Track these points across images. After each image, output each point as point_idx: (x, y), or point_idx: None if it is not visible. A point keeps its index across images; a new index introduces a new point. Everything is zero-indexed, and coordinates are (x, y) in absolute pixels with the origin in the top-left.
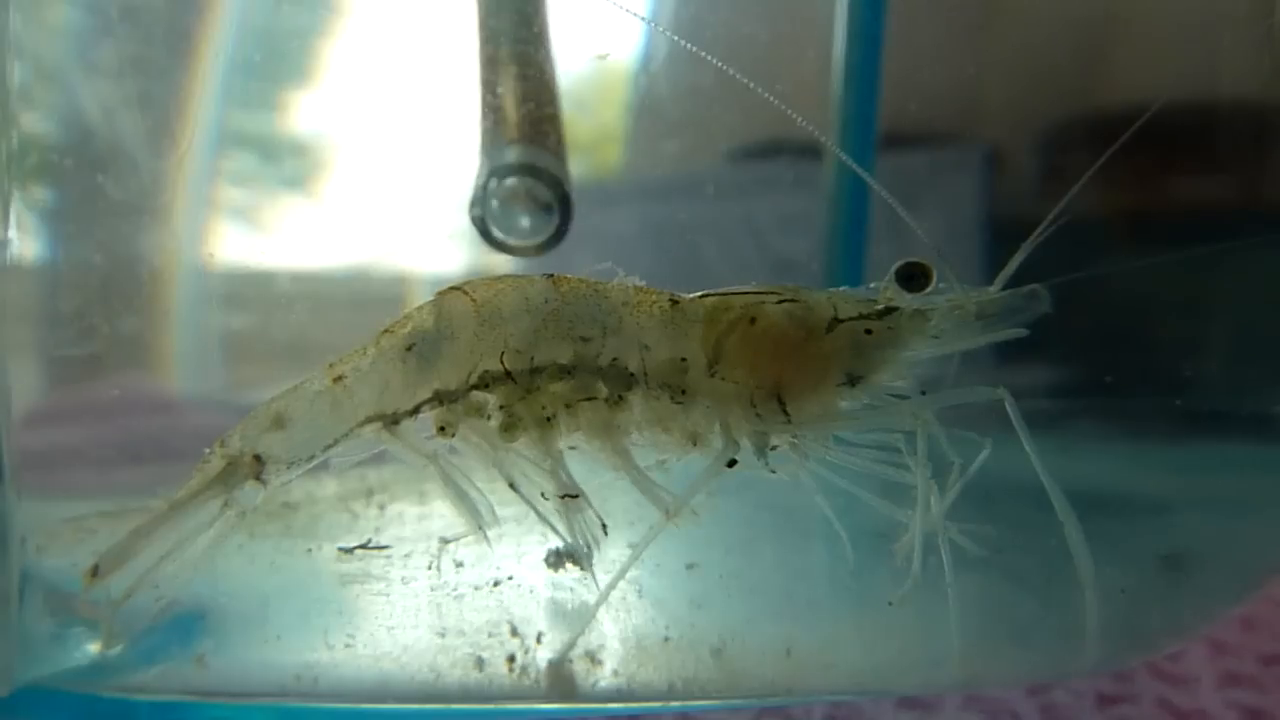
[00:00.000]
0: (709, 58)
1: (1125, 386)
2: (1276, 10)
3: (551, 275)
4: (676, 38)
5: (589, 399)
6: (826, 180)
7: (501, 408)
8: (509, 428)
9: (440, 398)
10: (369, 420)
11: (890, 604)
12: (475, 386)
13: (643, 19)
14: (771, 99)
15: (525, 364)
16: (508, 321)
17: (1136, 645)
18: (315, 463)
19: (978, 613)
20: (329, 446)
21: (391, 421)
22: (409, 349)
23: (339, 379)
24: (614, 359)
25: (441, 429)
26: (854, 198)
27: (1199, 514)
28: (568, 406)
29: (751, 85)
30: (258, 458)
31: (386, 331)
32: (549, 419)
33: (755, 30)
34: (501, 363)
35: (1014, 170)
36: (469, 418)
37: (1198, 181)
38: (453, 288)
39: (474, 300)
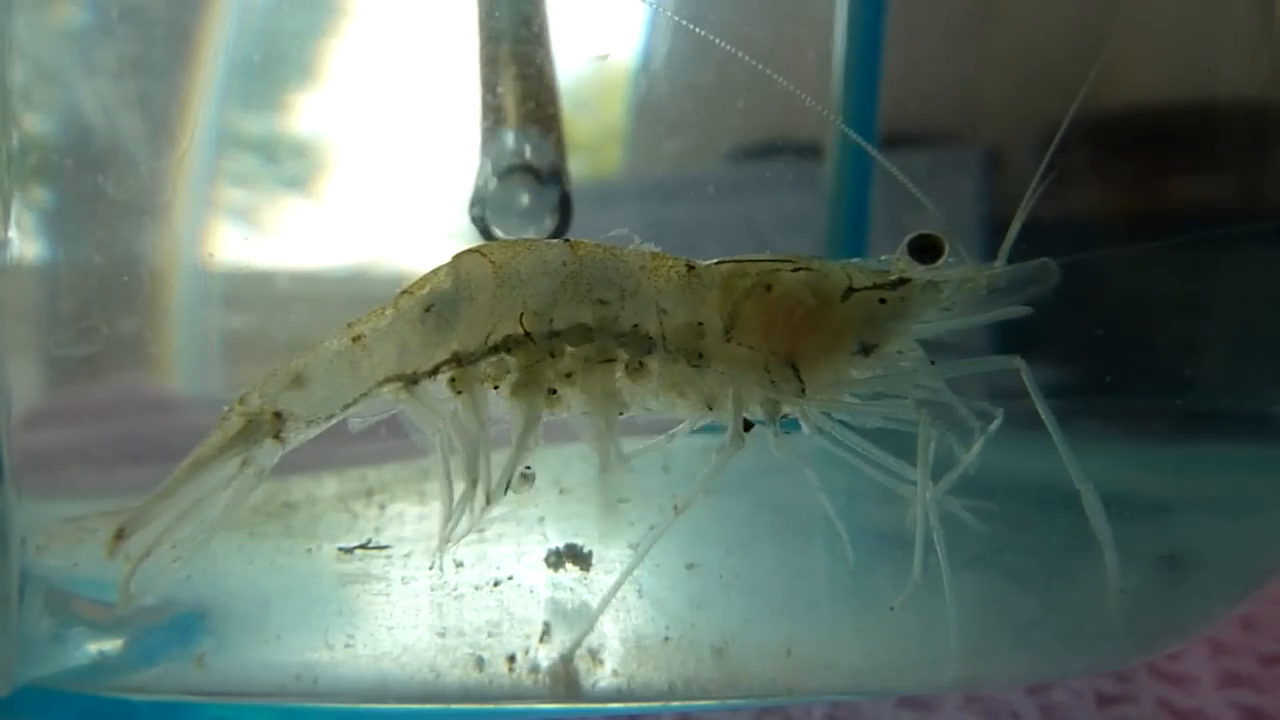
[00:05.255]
0: (722, 43)
1: (1125, 386)
2: (1277, 10)
3: (568, 239)
4: (692, 26)
5: (608, 361)
6: (826, 180)
7: (521, 370)
8: (522, 384)
9: (459, 359)
10: (387, 380)
11: (891, 609)
12: (494, 349)
13: (649, 2)
14: (786, 83)
15: (544, 326)
16: (526, 284)
17: (1136, 645)
18: (334, 421)
19: (978, 613)
20: (348, 406)
21: (410, 382)
22: (427, 310)
23: (358, 339)
24: (634, 324)
25: (452, 380)
26: (854, 198)
27: (1199, 514)
28: (584, 370)
29: (765, 69)
30: (278, 415)
31: (405, 293)
32: (553, 391)
33: (755, 30)
34: (520, 325)
35: (1014, 170)
36: (483, 383)
37: (1198, 181)
38: (471, 250)
39: (492, 262)
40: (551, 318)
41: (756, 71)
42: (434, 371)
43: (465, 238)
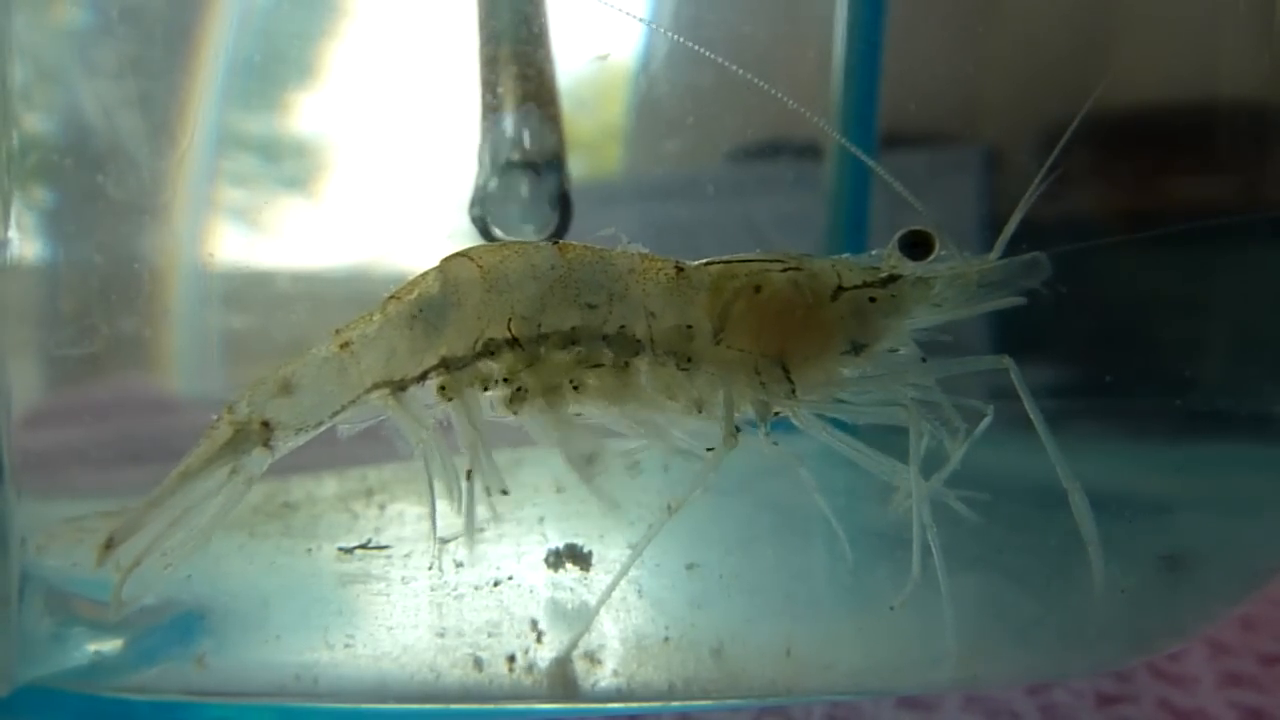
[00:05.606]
0: (714, 57)
1: (1125, 386)
2: (1277, 10)
3: (557, 242)
4: (681, 39)
5: (596, 366)
6: (826, 180)
7: (507, 379)
8: (515, 400)
9: (447, 364)
10: (376, 387)
11: (891, 609)
12: (482, 353)
13: (644, 21)
14: (778, 93)
15: (532, 331)
16: (514, 288)
17: (1136, 645)
18: (323, 429)
19: (978, 613)
20: (336, 413)
21: (398, 388)
22: (415, 315)
23: (346, 345)
24: (621, 326)
25: (442, 388)
26: (854, 198)
27: (1199, 514)
28: (573, 375)
29: (757, 80)
30: (266, 424)
31: (392, 298)
32: (556, 386)
33: (755, 30)
34: (508, 329)
35: (1014, 170)
36: (472, 387)
37: (1198, 181)
38: (458, 254)
39: (480, 267)
40: (539, 322)
41: (757, 71)
42: (422, 377)
43: (465, 238)
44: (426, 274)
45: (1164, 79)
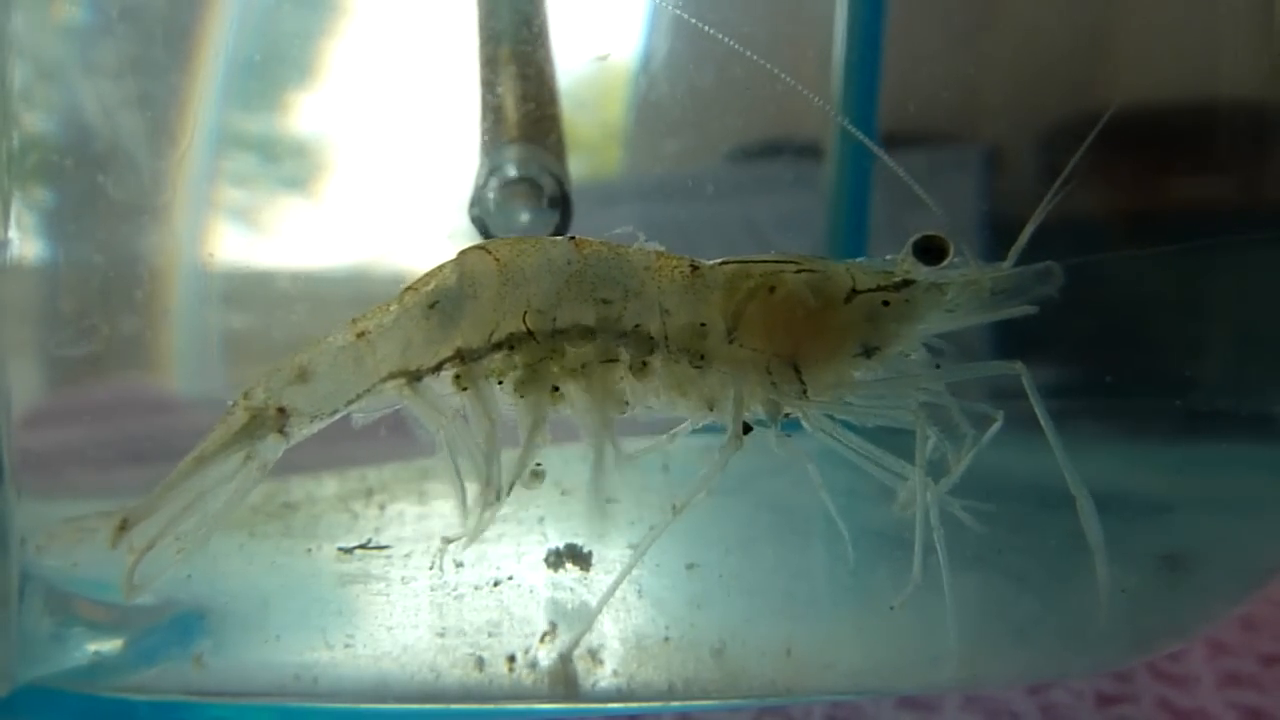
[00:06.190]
0: (724, 37)
1: (1125, 386)
2: (1277, 10)
3: (573, 237)
4: (697, 23)
5: (610, 361)
6: (826, 180)
7: (524, 367)
8: (526, 381)
9: (462, 356)
10: (391, 376)
11: (892, 608)
12: (497, 346)
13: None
14: (788, 79)
15: (547, 325)
16: (530, 281)
17: (1136, 645)
18: (337, 416)
19: (978, 613)
20: (351, 401)
21: (414, 378)
22: (432, 306)
23: (362, 334)
24: (635, 323)
25: (457, 377)
26: (854, 198)
27: (1199, 514)
28: (585, 368)
29: (770, 67)
30: (282, 410)
31: (409, 289)
32: (556, 388)
33: (755, 30)
34: (523, 323)
35: (1014, 170)
36: (487, 379)
37: (1198, 181)
38: (475, 247)
39: (497, 259)
40: (554, 316)
41: (757, 71)
42: (437, 368)
43: (465, 238)
44: (444, 265)
45: (1164, 79)
